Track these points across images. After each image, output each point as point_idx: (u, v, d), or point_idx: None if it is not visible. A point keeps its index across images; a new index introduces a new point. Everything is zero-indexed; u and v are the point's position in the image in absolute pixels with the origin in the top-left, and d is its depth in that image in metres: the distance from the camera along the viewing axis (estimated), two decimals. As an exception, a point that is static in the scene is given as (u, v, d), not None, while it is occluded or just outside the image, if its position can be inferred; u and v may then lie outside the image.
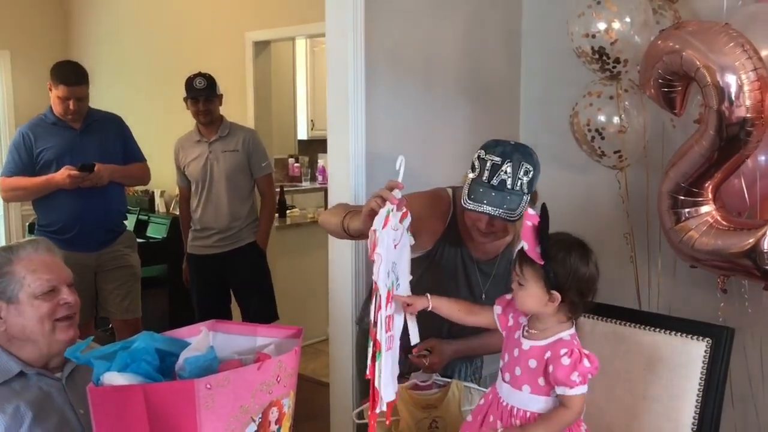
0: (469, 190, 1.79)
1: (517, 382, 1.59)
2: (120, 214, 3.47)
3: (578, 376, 1.50)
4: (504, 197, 1.77)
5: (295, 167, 6.39)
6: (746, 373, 2.57)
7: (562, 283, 1.52)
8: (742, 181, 2.29)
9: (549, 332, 1.57)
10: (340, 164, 2.65)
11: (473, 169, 1.81)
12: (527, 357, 1.58)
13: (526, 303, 1.58)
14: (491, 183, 1.78)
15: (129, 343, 1.38)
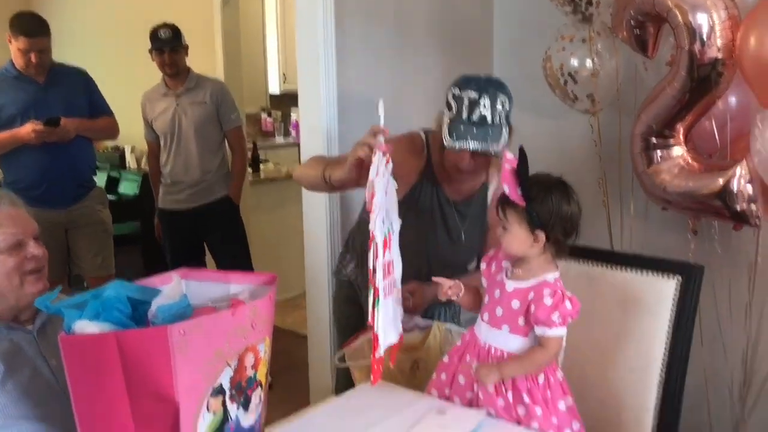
0: (449, 129, 1.78)
1: (497, 321, 1.60)
2: (89, 170, 3.41)
3: (558, 317, 1.51)
4: (486, 132, 1.78)
5: (267, 122, 6.32)
6: (715, 314, 2.62)
7: (546, 223, 1.53)
8: (713, 122, 2.31)
9: (533, 274, 1.58)
10: (312, 115, 2.62)
11: (449, 108, 1.80)
12: (510, 298, 1.59)
13: (512, 246, 1.58)
14: (471, 119, 1.78)
15: (100, 292, 1.36)
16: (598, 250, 1.91)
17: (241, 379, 1.37)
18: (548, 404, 1.57)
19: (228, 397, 1.34)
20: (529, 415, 1.55)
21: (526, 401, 1.56)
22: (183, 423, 1.25)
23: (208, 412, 1.30)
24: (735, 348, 2.60)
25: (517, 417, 1.57)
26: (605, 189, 2.74)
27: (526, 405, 1.56)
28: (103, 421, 1.27)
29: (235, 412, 1.37)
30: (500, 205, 1.58)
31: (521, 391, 1.57)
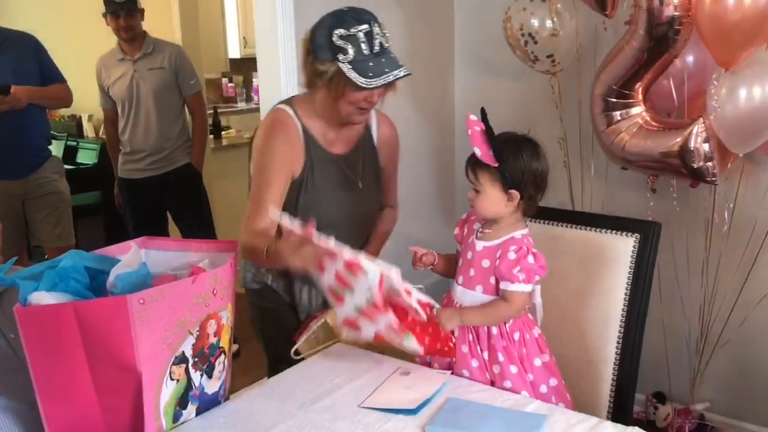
0: (357, 71, 1.68)
1: (470, 282, 1.62)
2: (43, 138, 3.32)
3: (521, 271, 1.53)
4: (391, 58, 1.73)
5: (229, 87, 6.21)
6: (673, 270, 2.68)
7: (519, 181, 1.54)
8: (670, 81, 2.33)
9: (502, 232, 1.60)
10: (271, 79, 2.58)
11: (343, 52, 1.68)
12: (481, 257, 1.60)
13: (486, 208, 1.58)
14: (374, 51, 1.70)
15: (56, 262, 1.34)
16: (559, 210, 1.93)
17: (204, 347, 1.37)
18: (524, 362, 1.59)
19: (191, 365, 1.34)
20: (503, 374, 1.58)
21: (500, 359, 1.58)
22: (146, 391, 1.25)
23: (171, 380, 1.30)
24: (692, 303, 2.67)
25: (492, 377, 1.59)
26: (566, 149, 2.76)
27: (501, 363, 1.58)
28: (64, 393, 1.26)
29: (199, 379, 1.37)
30: (471, 168, 1.57)
31: (497, 350, 1.59)
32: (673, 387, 2.76)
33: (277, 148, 1.85)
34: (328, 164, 1.91)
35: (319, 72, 1.75)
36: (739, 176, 2.47)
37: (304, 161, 1.87)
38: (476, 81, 3.21)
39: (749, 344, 2.63)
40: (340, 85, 1.73)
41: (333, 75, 1.72)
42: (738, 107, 2.06)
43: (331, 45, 1.70)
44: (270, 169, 1.85)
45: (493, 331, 1.60)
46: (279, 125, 1.87)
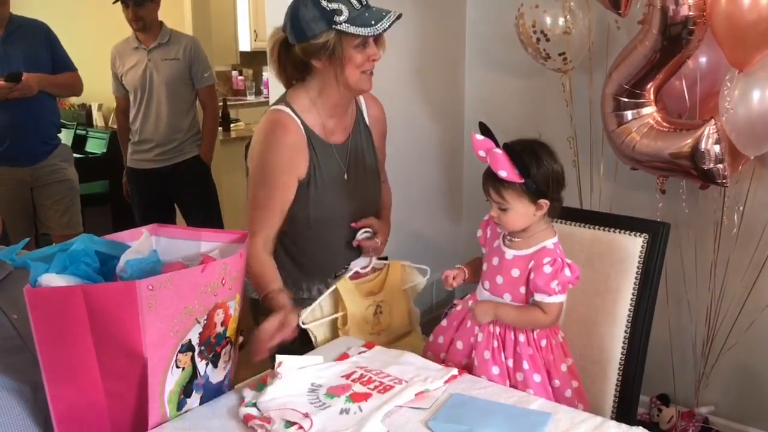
0: (356, 24, 1.69)
1: (498, 290, 1.60)
2: (53, 126, 3.33)
3: (558, 284, 1.52)
4: (377, 7, 1.76)
5: (239, 80, 6.23)
6: (681, 273, 2.67)
7: (546, 189, 1.52)
8: (683, 82, 2.32)
9: (533, 241, 1.57)
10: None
11: (339, 13, 1.68)
12: (510, 266, 1.58)
13: (516, 223, 1.56)
14: (363, 4, 1.73)
15: (67, 245, 1.34)
16: (567, 209, 1.92)
17: (211, 336, 1.37)
18: (550, 368, 1.59)
19: (197, 354, 1.34)
20: (525, 383, 1.57)
21: (525, 368, 1.57)
22: (151, 378, 1.25)
23: (176, 367, 1.31)
24: (699, 305, 2.66)
25: (514, 384, 1.58)
26: (576, 148, 2.75)
27: (525, 371, 1.57)
28: (70, 376, 1.26)
29: (204, 368, 1.38)
30: (494, 187, 1.53)
31: (523, 358, 1.58)
32: (677, 389, 2.75)
33: (282, 155, 1.82)
34: (332, 156, 1.90)
35: (317, 48, 1.74)
36: (750, 179, 2.46)
37: (309, 159, 1.85)
38: (487, 78, 3.20)
39: (755, 348, 2.62)
40: (347, 48, 1.73)
41: (335, 42, 1.72)
42: (751, 109, 2.04)
43: (324, 13, 1.69)
44: (276, 176, 1.83)
45: (521, 338, 1.58)
46: (280, 129, 1.83)
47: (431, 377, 1.49)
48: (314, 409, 1.36)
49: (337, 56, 1.74)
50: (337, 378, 1.49)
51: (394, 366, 1.54)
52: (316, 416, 1.33)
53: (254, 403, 1.38)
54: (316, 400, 1.40)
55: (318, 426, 1.30)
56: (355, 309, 1.82)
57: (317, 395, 1.42)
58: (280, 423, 1.30)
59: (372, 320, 1.87)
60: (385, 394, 1.42)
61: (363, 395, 1.41)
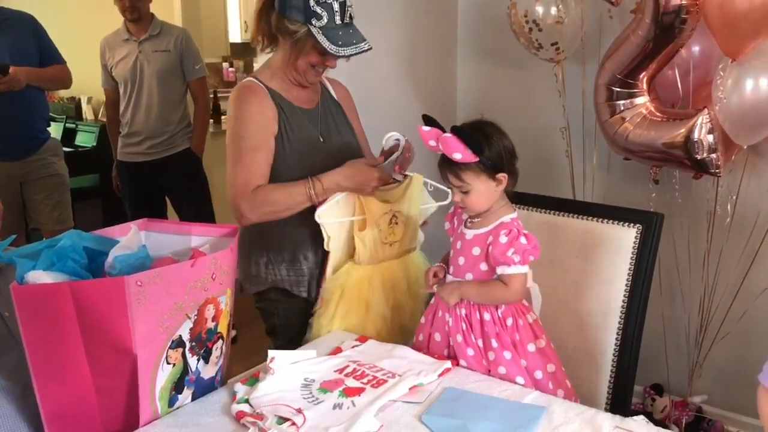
0: (328, 38, 1.73)
1: (460, 271, 1.62)
2: (42, 120, 3.29)
3: (515, 253, 1.52)
4: (356, 30, 1.79)
5: (229, 72, 6.17)
6: (674, 263, 2.67)
7: (501, 162, 1.55)
8: (675, 71, 2.31)
9: (492, 218, 1.59)
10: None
11: (317, 17, 1.72)
12: (471, 245, 1.60)
13: (480, 203, 1.58)
14: (345, 22, 1.76)
15: (55, 242, 1.33)
16: (560, 200, 1.92)
17: (202, 331, 1.36)
18: (517, 347, 1.58)
19: (188, 349, 1.33)
20: (497, 361, 1.57)
21: (494, 346, 1.57)
22: (141, 374, 1.24)
23: (167, 363, 1.29)
24: (692, 295, 2.66)
25: (488, 364, 1.58)
26: (569, 139, 2.74)
27: (495, 350, 1.57)
28: (59, 374, 1.25)
29: (196, 364, 1.36)
30: (451, 172, 1.57)
31: (490, 336, 1.58)
32: (671, 379, 2.76)
33: (254, 115, 1.84)
34: (300, 116, 1.91)
35: (286, 30, 1.78)
36: (743, 168, 2.45)
37: (278, 116, 1.87)
38: (479, 68, 3.18)
39: (748, 338, 2.63)
40: (307, 47, 1.78)
41: (301, 36, 1.76)
42: (744, 98, 2.04)
43: (306, 8, 1.73)
44: (253, 136, 1.82)
45: (486, 317, 1.59)
46: (246, 90, 1.87)
47: (425, 371, 1.48)
48: (307, 405, 1.35)
49: (298, 48, 1.80)
50: (330, 372, 1.48)
51: (387, 360, 1.54)
52: (309, 411, 1.32)
53: (246, 399, 1.37)
54: (309, 395, 1.39)
55: (311, 421, 1.29)
56: (370, 215, 1.80)
57: (310, 390, 1.41)
58: (273, 419, 1.29)
59: (386, 229, 1.85)
60: (378, 388, 1.41)
61: (356, 390, 1.41)
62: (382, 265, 1.87)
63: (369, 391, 1.40)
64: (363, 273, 1.83)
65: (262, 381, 1.42)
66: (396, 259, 1.89)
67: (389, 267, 1.88)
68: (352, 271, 1.82)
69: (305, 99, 1.93)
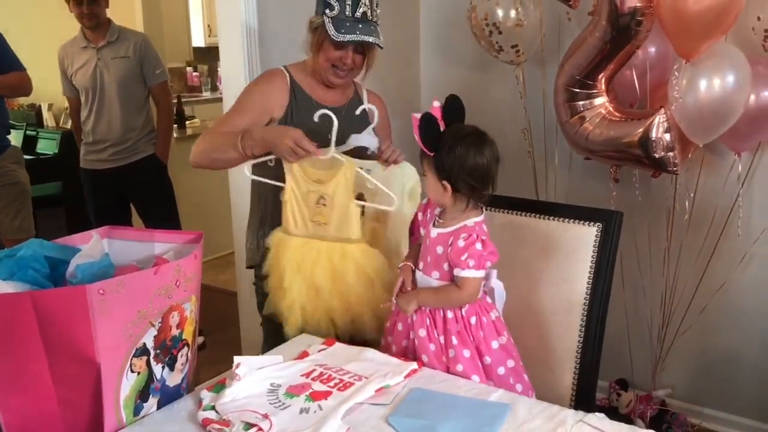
0: (335, 25, 1.85)
1: (428, 269, 1.64)
2: (2, 128, 3.24)
3: (469, 258, 1.54)
4: (369, 27, 1.88)
5: (193, 76, 6.13)
6: (636, 258, 2.72)
7: (449, 173, 1.55)
8: (633, 72, 2.36)
9: (456, 220, 1.61)
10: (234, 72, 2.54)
11: (330, 7, 1.86)
12: (435, 244, 1.62)
13: (431, 194, 1.63)
14: (355, 15, 1.87)
15: (14, 251, 1.32)
16: (522, 200, 1.94)
17: (166, 339, 1.35)
18: (480, 345, 1.60)
19: (152, 357, 1.32)
20: (456, 358, 1.59)
21: (454, 343, 1.59)
22: (105, 384, 1.23)
23: (131, 372, 1.28)
24: (654, 291, 2.71)
25: (447, 361, 1.60)
26: (530, 140, 2.78)
27: (455, 347, 1.59)
28: (20, 384, 1.23)
29: (161, 372, 1.36)
30: (420, 153, 1.62)
31: (451, 333, 1.60)
32: (635, 374, 2.81)
33: (258, 87, 2.00)
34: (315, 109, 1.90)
35: (311, 26, 1.94)
36: (700, 166, 2.51)
37: (288, 102, 1.97)
38: (442, 70, 3.21)
39: (709, 331, 2.69)
40: (320, 37, 1.91)
41: (317, 26, 1.91)
42: (698, 98, 2.09)
43: (324, 1, 1.88)
44: (246, 101, 1.97)
45: (449, 315, 1.61)
46: (267, 72, 2.05)
47: (391, 372, 1.49)
48: (274, 410, 1.35)
49: (315, 38, 1.93)
50: (296, 377, 1.48)
51: (354, 363, 1.54)
52: (275, 417, 1.32)
53: (212, 405, 1.37)
54: (276, 400, 1.39)
55: (278, 426, 1.30)
56: (296, 186, 1.82)
57: (277, 395, 1.41)
58: (239, 425, 1.29)
59: (313, 207, 1.83)
60: (345, 391, 1.42)
61: (323, 393, 1.41)
62: (316, 242, 1.82)
63: (336, 394, 1.41)
64: (295, 243, 1.82)
65: (228, 387, 1.42)
66: (333, 242, 1.82)
67: (327, 248, 1.82)
68: (281, 236, 1.85)
69: (331, 99, 2.02)
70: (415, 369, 1.54)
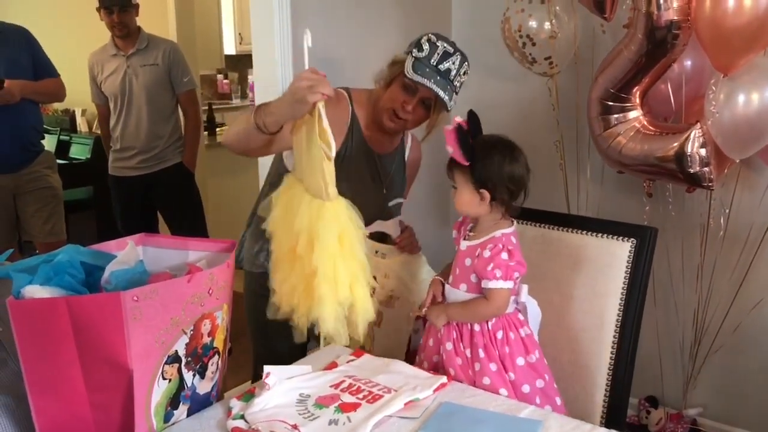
0: (414, 65, 1.82)
1: (456, 282, 1.64)
2: (36, 133, 3.29)
3: (495, 268, 1.54)
4: (446, 84, 1.83)
5: (224, 83, 6.19)
6: (668, 274, 2.68)
7: (488, 181, 1.56)
8: (668, 85, 2.33)
9: (485, 232, 1.61)
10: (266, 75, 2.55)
11: (420, 49, 1.83)
12: (464, 256, 1.62)
13: (462, 205, 1.62)
14: (438, 67, 1.82)
15: (52, 256, 1.33)
16: (554, 213, 1.93)
17: (198, 347, 1.35)
18: (505, 360, 1.59)
19: (184, 365, 1.33)
20: (482, 371, 1.58)
21: (481, 356, 1.58)
22: (137, 390, 1.24)
23: (163, 379, 1.29)
24: (687, 308, 2.67)
25: (474, 375, 1.59)
26: (562, 152, 2.75)
27: (481, 360, 1.58)
28: (54, 388, 1.24)
29: (191, 379, 1.36)
30: (449, 166, 1.61)
31: (478, 347, 1.59)
32: (666, 391, 2.76)
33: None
34: (365, 154, 1.96)
35: (393, 61, 1.92)
36: (736, 182, 2.47)
37: (344, 140, 1.92)
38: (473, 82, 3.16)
39: (742, 350, 2.63)
40: (395, 72, 1.88)
41: (398, 62, 1.88)
42: (736, 113, 2.05)
43: (417, 42, 1.86)
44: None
45: (476, 328, 1.61)
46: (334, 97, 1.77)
47: (420, 386, 1.48)
48: (303, 420, 1.35)
49: (389, 74, 1.90)
50: (325, 388, 1.48)
51: (383, 375, 1.53)
52: (304, 427, 1.32)
53: (242, 414, 1.36)
54: (305, 410, 1.39)
55: (307, 437, 1.29)
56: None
57: (306, 406, 1.40)
58: None
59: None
60: (374, 403, 1.41)
61: (352, 405, 1.40)
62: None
63: (365, 406, 1.40)
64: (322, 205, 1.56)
65: (257, 396, 1.41)
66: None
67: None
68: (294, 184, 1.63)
69: (381, 144, 2.00)
70: (445, 383, 1.52)
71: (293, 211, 1.56)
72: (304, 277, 1.55)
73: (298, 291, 1.57)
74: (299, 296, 1.57)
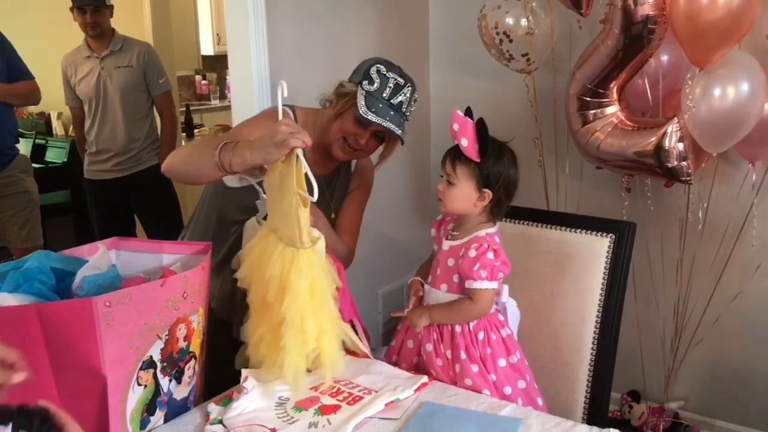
0: (367, 101, 1.73)
1: (436, 282, 1.62)
2: (10, 137, 3.24)
3: (481, 269, 1.52)
4: (399, 118, 1.77)
5: (202, 84, 6.16)
6: (648, 269, 2.69)
7: (495, 182, 1.55)
8: (645, 80, 2.33)
9: (469, 231, 1.60)
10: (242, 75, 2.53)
11: (370, 81, 1.75)
12: (447, 256, 1.60)
13: (456, 202, 1.58)
14: (391, 101, 1.75)
15: (21, 263, 1.30)
16: (534, 210, 1.92)
17: (173, 351, 1.33)
18: (486, 362, 1.58)
19: (159, 370, 1.31)
20: (463, 372, 1.56)
21: (462, 358, 1.57)
22: (111, 397, 1.22)
23: (138, 385, 1.27)
24: (667, 302, 2.68)
25: (454, 376, 1.58)
26: (541, 149, 2.75)
27: (462, 362, 1.57)
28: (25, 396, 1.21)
29: (168, 385, 1.34)
30: (451, 159, 1.57)
31: (459, 348, 1.58)
32: (647, 386, 2.77)
33: (260, 123, 1.75)
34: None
35: (341, 90, 1.81)
36: (713, 176, 2.48)
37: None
38: (451, 79, 3.19)
39: (722, 342, 2.65)
40: (345, 106, 1.78)
41: (348, 93, 1.78)
42: (712, 107, 2.06)
43: (366, 73, 1.77)
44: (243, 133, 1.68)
45: (457, 329, 1.59)
46: (268, 115, 1.80)
47: (401, 386, 1.47)
48: (282, 424, 1.33)
49: (341, 104, 1.79)
50: (305, 390, 1.46)
51: (364, 376, 1.52)
52: (284, 431, 1.30)
53: (220, 419, 1.35)
54: (284, 414, 1.37)
55: (286, 441, 1.27)
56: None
57: (285, 409, 1.39)
58: None
59: None
60: (354, 405, 1.39)
61: (332, 407, 1.39)
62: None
63: (345, 408, 1.39)
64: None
65: (235, 401, 1.39)
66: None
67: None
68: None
69: (322, 164, 1.89)
70: (426, 382, 1.51)
71: (266, 260, 1.45)
72: (273, 327, 1.43)
73: (265, 341, 1.45)
74: (266, 347, 1.45)
